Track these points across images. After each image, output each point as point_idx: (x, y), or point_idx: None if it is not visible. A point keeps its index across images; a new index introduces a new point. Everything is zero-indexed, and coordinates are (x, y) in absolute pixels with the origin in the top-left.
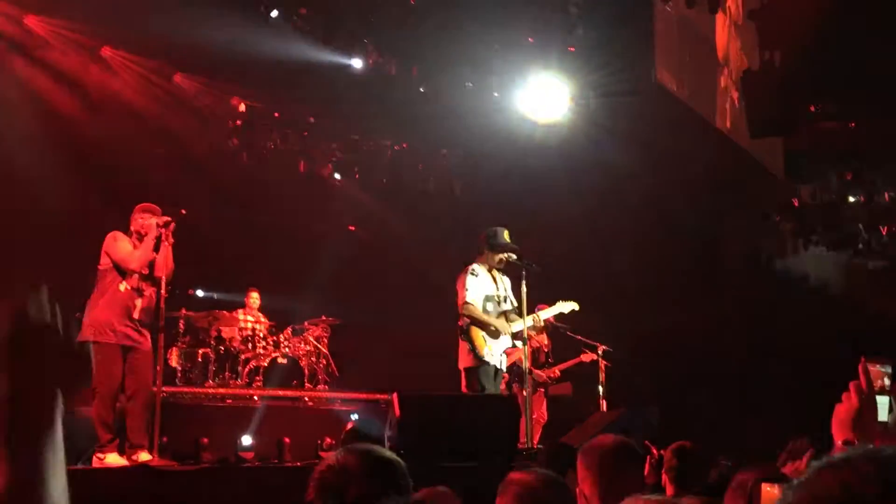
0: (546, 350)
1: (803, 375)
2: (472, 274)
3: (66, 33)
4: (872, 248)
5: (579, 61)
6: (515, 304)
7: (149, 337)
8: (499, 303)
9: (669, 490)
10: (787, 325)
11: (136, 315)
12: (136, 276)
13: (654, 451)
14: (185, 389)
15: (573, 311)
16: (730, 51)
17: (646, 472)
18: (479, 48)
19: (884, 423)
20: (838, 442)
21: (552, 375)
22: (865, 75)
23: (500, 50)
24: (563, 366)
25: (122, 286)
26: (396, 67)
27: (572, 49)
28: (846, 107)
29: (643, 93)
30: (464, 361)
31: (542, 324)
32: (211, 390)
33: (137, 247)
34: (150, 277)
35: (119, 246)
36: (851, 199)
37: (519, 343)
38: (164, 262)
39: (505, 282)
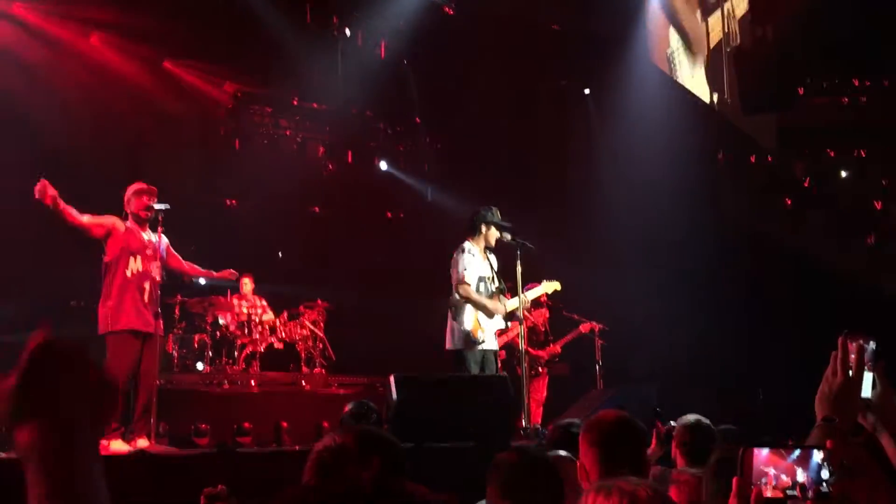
0: (543, 328)
1: (803, 353)
2: (469, 253)
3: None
4: (866, 223)
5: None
6: (502, 283)
7: (159, 321)
8: (490, 283)
9: (680, 463)
10: (784, 302)
11: (146, 297)
12: (139, 257)
13: (661, 427)
14: (182, 376)
15: (556, 291)
16: (722, 27)
17: (652, 447)
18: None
19: (867, 400)
20: (819, 419)
21: (554, 352)
22: (857, 50)
23: None
24: (564, 340)
25: (129, 271)
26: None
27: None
28: (839, 81)
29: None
30: (453, 343)
31: (529, 305)
32: (208, 376)
33: (134, 229)
34: (153, 259)
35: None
36: (844, 174)
37: (509, 323)
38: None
39: (493, 261)
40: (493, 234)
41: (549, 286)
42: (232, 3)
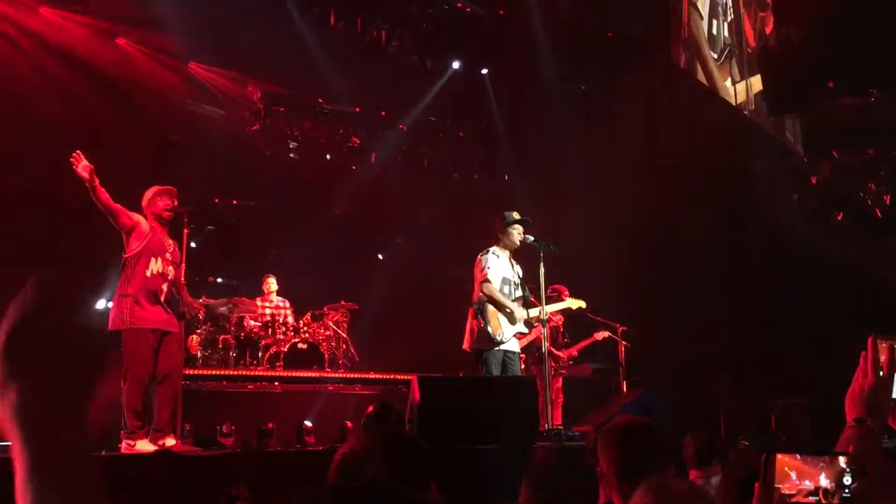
0: (562, 330)
1: (826, 356)
2: (494, 254)
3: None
4: (894, 224)
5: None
6: (526, 292)
7: (176, 319)
8: (514, 288)
9: (692, 473)
10: (808, 304)
11: (163, 298)
12: (160, 259)
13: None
14: (207, 372)
15: (581, 308)
16: (747, 28)
17: None
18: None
19: (895, 401)
20: (850, 419)
21: (571, 355)
22: (884, 50)
23: None
24: (578, 346)
25: (149, 271)
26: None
27: None
28: (865, 81)
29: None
30: (473, 342)
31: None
32: (232, 372)
33: (157, 230)
34: (174, 262)
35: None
36: (871, 174)
37: (529, 329)
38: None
39: (518, 270)
40: (516, 234)
41: (574, 303)
42: (257, 8)
